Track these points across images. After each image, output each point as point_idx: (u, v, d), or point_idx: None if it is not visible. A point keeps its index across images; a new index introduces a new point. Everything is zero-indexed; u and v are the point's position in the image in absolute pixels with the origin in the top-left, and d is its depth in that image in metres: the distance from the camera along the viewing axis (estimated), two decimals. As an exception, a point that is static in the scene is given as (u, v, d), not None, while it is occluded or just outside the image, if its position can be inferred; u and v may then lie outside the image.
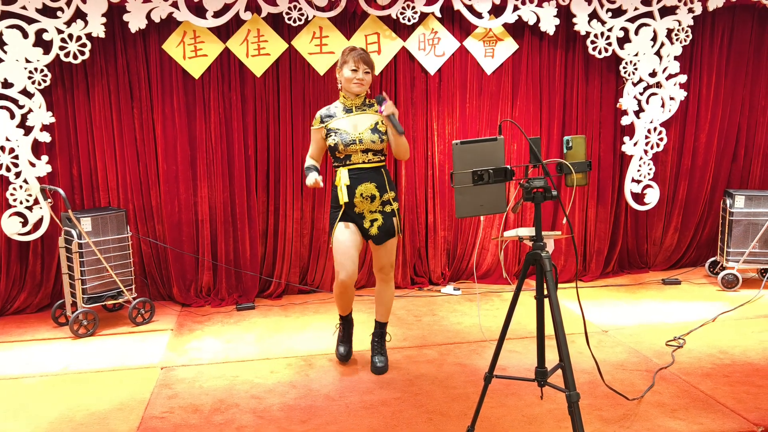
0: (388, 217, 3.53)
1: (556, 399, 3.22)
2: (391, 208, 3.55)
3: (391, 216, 3.54)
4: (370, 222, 3.51)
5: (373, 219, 3.51)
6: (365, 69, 3.46)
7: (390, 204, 3.55)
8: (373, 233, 3.52)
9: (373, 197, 3.48)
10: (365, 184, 3.47)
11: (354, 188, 3.45)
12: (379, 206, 3.51)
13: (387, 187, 3.53)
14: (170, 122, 4.89)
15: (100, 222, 4.49)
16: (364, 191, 3.47)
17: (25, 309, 4.87)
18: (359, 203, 3.48)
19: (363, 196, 3.47)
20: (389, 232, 3.54)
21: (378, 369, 3.66)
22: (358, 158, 3.46)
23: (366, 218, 3.51)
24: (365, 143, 3.44)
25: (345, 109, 3.53)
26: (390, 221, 3.54)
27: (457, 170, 2.36)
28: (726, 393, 3.31)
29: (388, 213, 3.53)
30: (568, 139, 2.50)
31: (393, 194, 3.57)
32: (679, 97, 5.29)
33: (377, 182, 3.49)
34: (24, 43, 4.46)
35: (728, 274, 5.07)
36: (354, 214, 3.51)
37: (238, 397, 3.41)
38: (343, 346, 3.84)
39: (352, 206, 3.49)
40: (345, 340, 3.85)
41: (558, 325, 2.38)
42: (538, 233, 2.45)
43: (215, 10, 4.66)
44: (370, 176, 3.48)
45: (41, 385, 3.63)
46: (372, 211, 3.51)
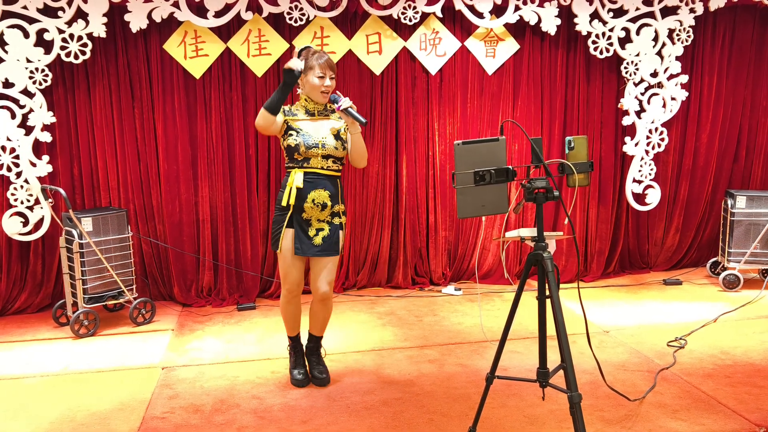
0: (335, 229, 3.37)
1: (557, 399, 3.21)
2: (340, 221, 3.39)
3: (339, 229, 3.38)
4: (316, 231, 3.34)
5: (320, 228, 3.34)
6: (331, 75, 3.29)
7: (339, 217, 3.39)
8: (316, 243, 3.33)
9: (324, 206, 3.31)
10: (319, 191, 3.30)
11: (306, 193, 3.29)
12: (328, 216, 3.35)
13: (339, 199, 3.38)
14: (171, 122, 4.89)
15: (101, 222, 4.49)
16: (317, 198, 3.30)
17: (26, 309, 4.87)
18: (309, 209, 3.31)
19: (314, 203, 3.30)
20: (333, 247, 3.36)
21: (320, 380, 3.52)
22: (317, 163, 3.30)
23: (312, 226, 3.34)
24: (328, 149, 3.30)
25: (307, 112, 3.36)
26: (336, 234, 3.37)
27: (458, 171, 2.35)
28: (728, 394, 3.30)
29: (335, 225, 3.37)
30: (569, 140, 2.49)
31: (343, 207, 3.42)
32: (680, 98, 5.28)
33: (331, 191, 3.33)
34: (25, 42, 4.46)
35: (729, 274, 5.07)
36: (301, 220, 3.33)
37: (239, 398, 3.40)
38: (297, 370, 3.59)
39: (300, 211, 3.32)
40: (299, 363, 3.62)
41: (560, 325, 2.38)
42: (540, 234, 2.45)
43: (216, 10, 4.65)
44: (325, 183, 3.32)
45: (42, 385, 3.62)
46: (320, 220, 3.34)
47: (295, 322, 3.59)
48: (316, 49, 3.35)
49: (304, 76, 3.31)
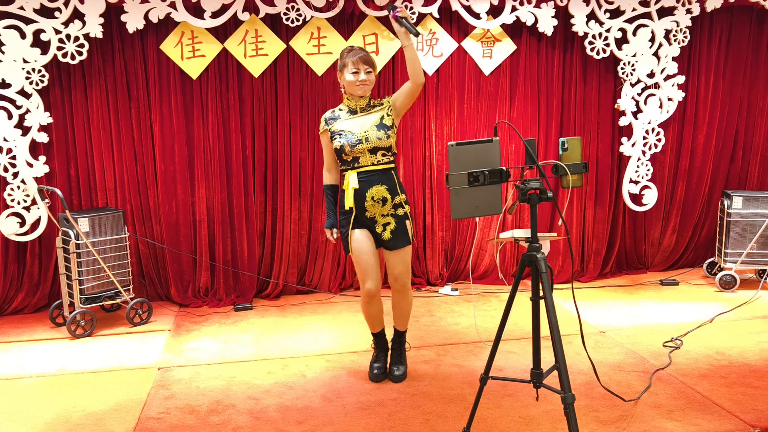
0: (401, 221, 3.38)
1: (552, 400, 3.22)
2: (404, 211, 3.39)
3: (404, 219, 3.39)
4: (383, 226, 3.36)
5: (386, 223, 3.36)
6: (366, 69, 3.31)
7: (402, 207, 3.39)
8: (386, 238, 3.36)
9: (384, 200, 3.33)
10: (376, 187, 3.32)
11: (364, 191, 3.31)
12: (391, 209, 3.36)
13: (398, 189, 3.38)
14: (168, 122, 4.89)
15: (97, 222, 4.49)
16: (376, 194, 3.32)
17: (23, 309, 4.87)
18: (370, 207, 3.33)
19: (374, 200, 3.32)
20: (403, 238, 3.38)
21: (395, 377, 3.54)
22: (367, 160, 3.31)
23: (378, 222, 3.36)
24: (372, 141, 3.29)
25: (349, 111, 3.40)
26: (403, 225, 3.38)
27: (452, 171, 2.35)
28: (723, 394, 3.31)
29: (401, 216, 3.38)
30: (563, 141, 2.49)
31: (404, 197, 3.41)
32: (677, 98, 5.29)
33: (388, 184, 3.34)
34: (22, 43, 4.46)
35: (726, 275, 5.07)
36: (366, 219, 3.36)
37: (235, 398, 3.41)
38: (376, 364, 3.61)
39: (363, 210, 3.34)
40: (379, 358, 3.62)
41: (553, 326, 2.38)
42: (534, 235, 2.45)
43: (213, 10, 4.65)
44: (380, 178, 3.33)
45: (38, 385, 3.63)
46: (384, 215, 3.35)
47: (377, 320, 3.58)
48: (352, 46, 3.38)
49: (341, 74, 3.37)
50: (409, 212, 3.43)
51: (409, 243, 3.41)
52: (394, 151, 3.39)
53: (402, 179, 5.21)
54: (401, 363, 3.61)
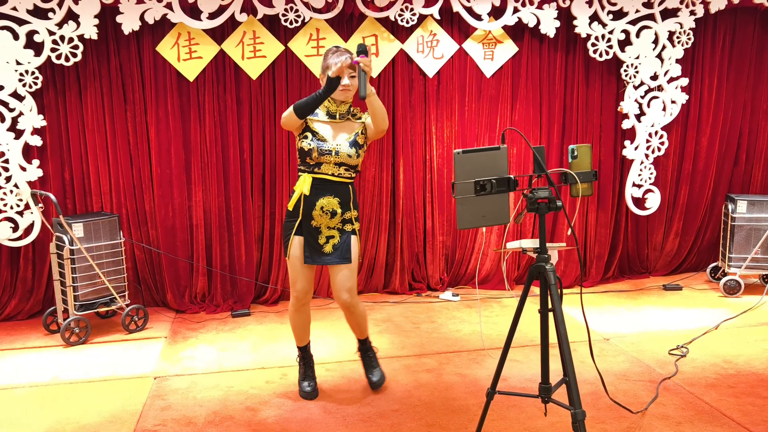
0: (346, 237, 3.24)
1: (558, 411, 3.14)
2: (352, 228, 3.26)
3: (350, 235, 3.25)
4: (326, 239, 3.22)
5: (330, 236, 3.22)
6: (351, 73, 3.14)
7: (351, 223, 3.26)
8: (326, 251, 3.23)
9: (333, 213, 3.20)
10: (328, 198, 3.19)
11: (315, 200, 3.18)
12: (339, 224, 3.23)
13: (351, 205, 3.25)
14: (164, 125, 4.81)
15: (92, 227, 4.40)
16: (326, 205, 3.18)
17: (16, 316, 4.78)
18: (317, 217, 3.19)
19: (323, 210, 3.19)
20: (345, 255, 3.23)
21: (374, 384, 3.47)
22: (329, 169, 3.18)
23: (322, 234, 3.22)
24: (341, 156, 3.16)
25: (328, 114, 3.23)
26: (348, 241, 3.24)
27: (458, 180, 2.28)
28: (731, 405, 3.24)
29: (347, 232, 3.25)
30: (573, 148, 2.42)
31: (356, 213, 3.28)
32: (680, 101, 5.22)
33: (341, 198, 3.21)
34: (14, 44, 4.37)
35: (730, 280, 5.01)
36: (310, 228, 3.22)
37: (233, 409, 3.32)
38: (306, 382, 3.47)
39: (309, 218, 3.21)
40: (308, 375, 3.50)
41: (563, 340, 2.31)
42: (543, 245, 2.38)
43: (210, 11, 4.57)
44: (335, 190, 3.20)
45: (31, 396, 3.54)
46: (330, 227, 3.22)
47: (304, 331, 3.48)
48: (337, 47, 3.21)
49: (323, 76, 3.18)
50: (358, 230, 3.30)
51: (349, 261, 3.24)
52: (358, 170, 3.29)
53: (402, 183, 5.14)
54: (373, 367, 3.52)
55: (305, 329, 3.48)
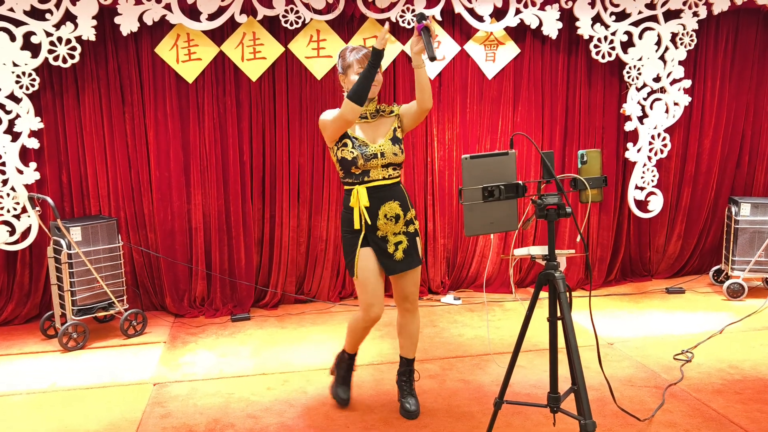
0: (412, 238, 3.09)
1: (564, 418, 3.09)
2: (414, 228, 3.11)
3: (415, 236, 3.11)
4: (395, 245, 3.04)
5: (398, 242, 3.04)
6: None
7: (413, 223, 3.10)
8: (398, 258, 3.04)
9: (397, 217, 3.02)
10: (389, 204, 3.01)
11: (376, 209, 2.99)
12: (404, 227, 3.06)
13: (409, 205, 3.10)
14: (163, 128, 4.75)
15: (90, 231, 4.35)
16: (389, 212, 3.01)
17: (13, 320, 4.72)
18: (383, 225, 3.01)
19: (387, 217, 3.00)
20: (416, 257, 3.10)
21: (410, 414, 3.20)
22: (378, 174, 3.00)
23: (390, 242, 3.03)
24: (387, 157, 2.99)
25: (360, 116, 3.04)
26: (414, 242, 3.10)
27: (466, 186, 2.23)
28: (739, 411, 3.20)
29: (412, 233, 3.09)
30: (582, 153, 2.38)
31: (414, 212, 3.14)
32: (683, 103, 5.18)
33: (400, 200, 3.05)
34: (11, 46, 4.32)
35: (734, 283, 4.98)
36: (377, 239, 3.03)
37: (234, 417, 3.28)
38: (342, 388, 3.37)
39: (374, 230, 3.01)
40: (346, 381, 3.39)
41: (573, 349, 2.26)
42: (552, 252, 2.34)
43: (210, 12, 4.52)
44: (392, 194, 3.03)
45: (28, 403, 3.49)
46: (396, 233, 3.04)
47: (360, 341, 3.33)
48: (354, 46, 3.07)
49: (345, 77, 3.04)
50: (419, 228, 3.17)
51: (421, 262, 3.17)
52: (402, 167, 3.16)
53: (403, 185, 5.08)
54: (412, 395, 3.29)
55: (362, 340, 3.34)
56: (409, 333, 3.27)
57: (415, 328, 3.27)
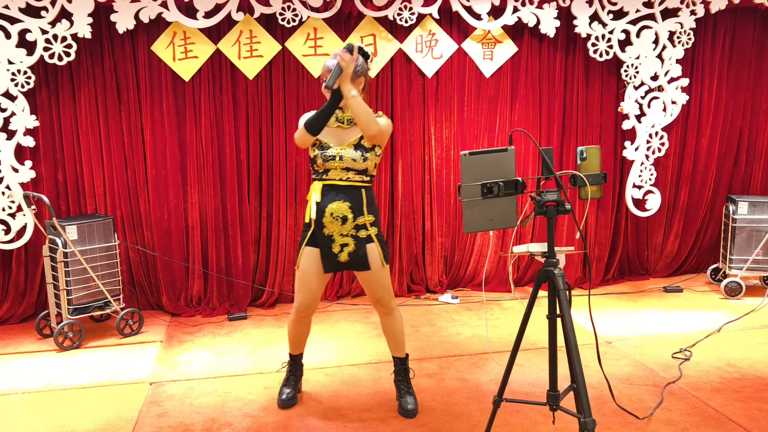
0: (361, 244, 3.08)
1: (562, 416, 3.08)
2: (367, 234, 3.09)
3: (366, 242, 3.09)
4: (340, 246, 3.08)
5: (344, 244, 3.07)
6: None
7: (366, 229, 3.09)
8: (342, 260, 3.09)
9: (345, 219, 3.05)
10: (337, 203, 3.05)
11: (324, 206, 3.05)
12: (352, 230, 3.07)
13: (364, 210, 3.08)
14: (159, 126, 4.73)
15: (86, 230, 4.32)
16: (335, 211, 3.04)
17: (8, 319, 4.69)
18: (329, 224, 3.06)
19: (333, 216, 3.04)
20: (362, 261, 3.09)
21: (408, 412, 3.19)
22: (337, 175, 3.06)
23: (336, 242, 3.08)
24: (345, 161, 3.04)
25: (337, 119, 3.12)
26: (363, 248, 3.08)
27: (465, 183, 2.22)
28: (738, 410, 3.19)
29: (362, 239, 3.08)
30: (582, 150, 2.36)
31: (371, 218, 3.10)
32: (680, 101, 5.18)
33: (352, 202, 3.06)
34: (6, 43, 4.29)
35: (731, 281, 4.97)
36: (323, 236, 3.09)
37: (231, 416, 3.26)
38: (287, 389, 3.37)
39: (321, 227, 3.08)
40: (291, 383, 3.39)
41: (572, 347, 2.25)
42: (551, 249, 2.32)
43: (206, 10, 4.50)
44: (345, 194, 3.06)
45: (23, 402, 3.46)
46: (343, 235, 3.07)
47: (299, 341, 3.37)
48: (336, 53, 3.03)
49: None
50: (378, 235, 3.12)
51: (368, 268, 3.10)
52: (371, 174, 3.12)
53: (400, 184, 5.08)
54: (410, 394, 3.28)
55: (301, 340, 3.38)
56: (392, 333, 3.29)
57: (396, 329, 3.28)
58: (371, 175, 3.14)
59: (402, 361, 3.33)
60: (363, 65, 3.07)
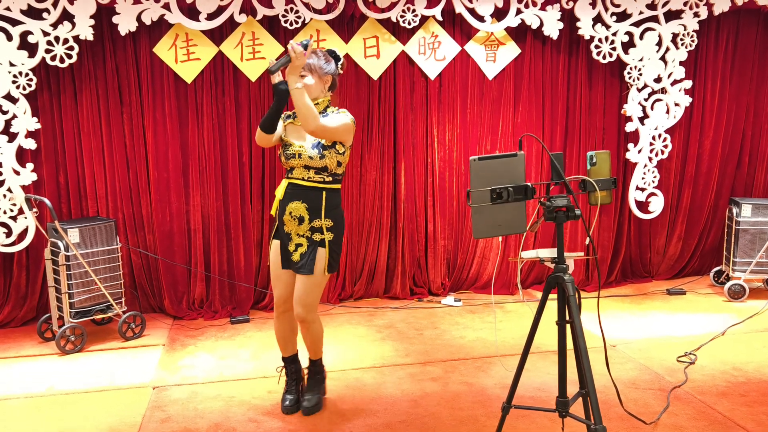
0: (313, 246, 3.09)
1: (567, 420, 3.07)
2: (321, 238, 3.09)
3: (318, 246, 3.10)
4: (295, 246, 3.12)
5: (298, 244, 3.11)
6: (302, 72, 3.00)
7: (321, 233, 3.09)
8: (295, 259, 3.12)
9: (301, 219, 3.08)
10: (296, 203, 3.08)
11: (285, 204, 3.11)
12: (308, 231, 3.09)
13: (322, 213, 3.09)
14: (161, 128, 4.71)
15: (88, 233, 4.30)
16: (294, 210, 3.08)
17: (10, 323, 4.67)
18: (287, 222, 3.11)
19: (291, 216, 3.09)
20: (308, 265, 3.08)
21: (304, 408, 3.27)
22: (299, 173, 3.09)
23: (293, 240, 3.12)
24: (303, 158, 3.05)
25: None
26: (314, 252, 3.09)
27: (474, 188, 2.20)
28: (744, 414, 3.18)
29: (315, 242, 3.09)
30: (592, 155, 2.35)
31: (329, 223, 3.10)
32: (684, 103, 5.17)
33: (310, 204, 3.07)
34: (8, 45, 4.27)
35: (735, 284, 4.96)
36: (283, 233, 3.15)
37: (235, 420, 3.24)
38: (288, 395, 3.34)
39: (282, 224, 3.14)
40: (289, 388, 3.37)
41: (582, 353, 2.24)
42: (561, 255, 2.31)
43: (209, 12, 4.48)
44: (304, 195, 3.08)
45: (25, 407, 3.44)
46: (299, 235, 3.10)
47: (284, 340, 3.36)
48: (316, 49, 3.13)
49: None
50: (328, 241, 3.11)
51: (311, 273, 3.08)
52: (334, 172, 3.10)
53: (403, 186, 5.06)
54: (311, 391, 3.35)
55: (286, 338, 3.35)
56: (308, 339, 3.30)
57: (311, 336, 3.28)
58: (335, 174, 3.12)
59: (313, 362, 3.40)
60: (332, 67, 3.11)
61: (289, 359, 3.40)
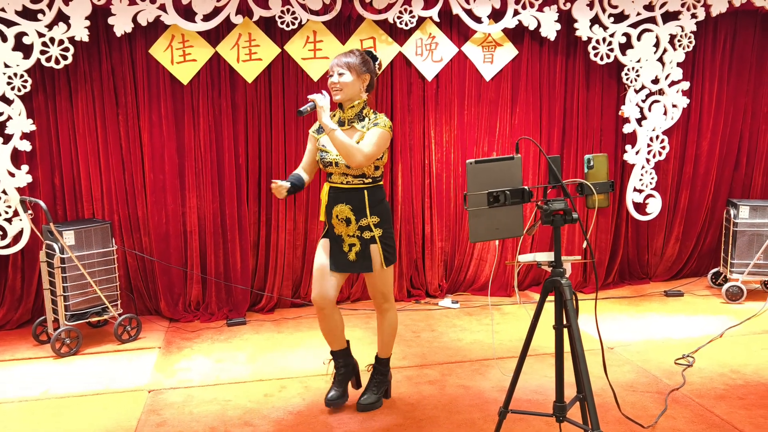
0: (365, 245, 3.15)
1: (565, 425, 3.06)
2: (371, 235, 3.14)
3: (370, 243, 3.15)
4: (349, 246, 3.17)
5: (351, 244, 3.16)
6: (339, 70, 3.05)
7: (370, 230, 3.14)
8: (351, 259, 3.17)
9: (348, 220, 3.13)
10: (341, 206, 3.13)
11: (330, 208, 3.16)
12: (357, 231, 3.14)
13: (367, 211, 3.13)
14: (157, 130, 4.69)
15: (83, 235, 4.28)
16: (339, 213, 3.14)
17: (5, 325, 4.64)
18: (336, 225, 3.16)
19: (338, 218, 3.14)
20: (366, 263, 3.16)
21: (359, 405, 3.32)
22: (338, 179, 3.15)
23: (345, 242, 3.17)
24: (340, 167, 3.09)
25: (339, 122, 3.15)
26: (367, 249, 3.16)
27: (471, 191, 2.19)
28: (743, 417, 3.17)
29: (366, 240, 3.15)
30: (589, 158, 2.34)
31: (376, 219, 3.15)
32: (681, 105, 5.16)
33: (354, 205, 3.12)
34: (3, 47, 4.24)
35: (732, 286, 4.95)
36: (335, 236, 3.20)
37: (231, 424, 3.22)
38: (333, 388, 3.37)
39: (332, 227, 3.20)
40: (337, 382, 3.38)
41: (580, 357, 2.22)
42: (558, 258, 2.29)
43: (205, 13, 4.46)
44: (347, 197, 3.13)
45: (20, 410, 3.42)
46: (350, 236, 3.15)
47: (331, 336, 3.33)
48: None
49: None
50: (381, 236, 3.16)
51: (370, 270, 3.18)
52: (372, 176, 3.15)
53: (400, 188, 5.04)
54: (371, 391, 3.37)
55: (333, 334, 3.33)
56: (381, 332, 3.39)
57: (384, 327, 3.37)
58: (373, 177, 3.16)
59: (381, 362, 3.41)
60: (371, 66, 3.15)
61: (339, 353, 3.39)
